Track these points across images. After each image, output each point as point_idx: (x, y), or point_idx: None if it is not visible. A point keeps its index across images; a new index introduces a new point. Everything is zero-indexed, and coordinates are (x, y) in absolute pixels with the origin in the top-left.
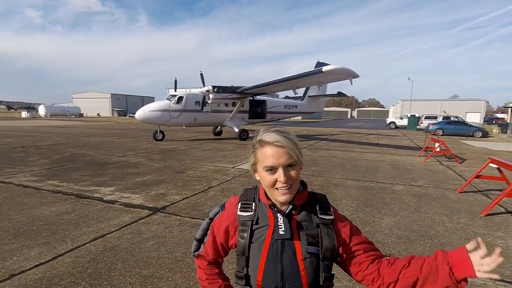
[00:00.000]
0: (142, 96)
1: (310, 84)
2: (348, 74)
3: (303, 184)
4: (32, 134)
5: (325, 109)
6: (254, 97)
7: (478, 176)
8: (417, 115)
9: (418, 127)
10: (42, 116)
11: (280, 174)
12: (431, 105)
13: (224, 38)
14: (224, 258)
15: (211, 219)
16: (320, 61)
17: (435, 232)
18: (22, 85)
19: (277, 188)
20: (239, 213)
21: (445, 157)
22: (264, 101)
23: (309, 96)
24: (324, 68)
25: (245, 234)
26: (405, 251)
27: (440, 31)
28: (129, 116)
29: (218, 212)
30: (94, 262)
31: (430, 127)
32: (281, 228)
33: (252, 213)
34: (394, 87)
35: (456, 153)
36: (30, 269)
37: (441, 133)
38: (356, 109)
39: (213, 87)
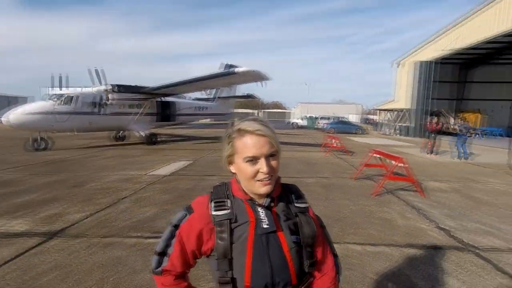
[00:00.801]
0: (9, 96)
1: (222, 85)
2: (260, 77)
3: None
4: None
5: (234, 110)
6: (162, 98)
7: (366, 165)
8: (314, 116)
9: (316, 126)
10: None
11: (262, 165)
12: (323, 107)
13: (118, 33)
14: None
15: (176, 226)
16: (229, 63)
17: (343, 215)
18: None
19: (258, 180)
20: (213, 213)
21: (340, 152)
22: (173, 102)
23: (219, 98)
24: (237, 70)
25: (224, 235)
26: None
27: (328, 43)
28: None
29: (185, 216)
30: None
31: (325, 126)
32: (264, 221)
33: (228, 211)
34: (294, 91)
35: (347, 148)
36: None
37: (333, 131)
38: (263, 111)
39: (113, 86)
